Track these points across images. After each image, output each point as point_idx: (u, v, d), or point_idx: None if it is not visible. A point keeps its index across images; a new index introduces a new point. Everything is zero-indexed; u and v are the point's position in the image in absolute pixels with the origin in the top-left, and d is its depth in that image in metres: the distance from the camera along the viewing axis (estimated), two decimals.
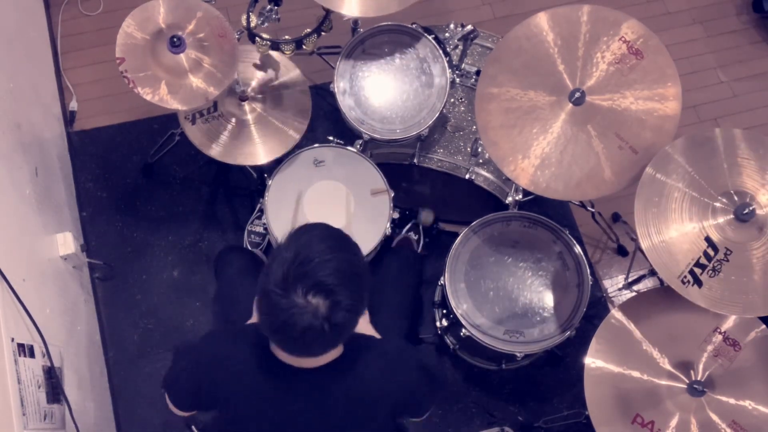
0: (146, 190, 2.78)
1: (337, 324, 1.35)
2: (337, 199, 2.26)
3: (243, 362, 1.54)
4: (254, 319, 1.76)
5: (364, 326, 1.82)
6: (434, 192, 2.56)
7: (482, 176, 2.36)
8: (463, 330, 2.20)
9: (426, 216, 2.58)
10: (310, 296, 1.32)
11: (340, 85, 2.28)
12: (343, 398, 1.53)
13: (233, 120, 2.30)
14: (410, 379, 1.62)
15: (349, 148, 2.31)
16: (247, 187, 2.77)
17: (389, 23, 2.29)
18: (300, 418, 1.54)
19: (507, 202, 2.32)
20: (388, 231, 2.24)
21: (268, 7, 2.20)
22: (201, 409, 1.70)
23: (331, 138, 2.34)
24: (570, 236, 2.25)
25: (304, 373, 1.49)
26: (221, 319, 2.58)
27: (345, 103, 2.28)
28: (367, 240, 2.21)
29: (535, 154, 1.98)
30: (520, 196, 2.33)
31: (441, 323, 2.44)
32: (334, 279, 1.34)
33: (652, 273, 2.61)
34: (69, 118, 2.86)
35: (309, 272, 1.33)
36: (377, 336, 1.75)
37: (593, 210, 2.66)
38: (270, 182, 2.26)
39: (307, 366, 1.49)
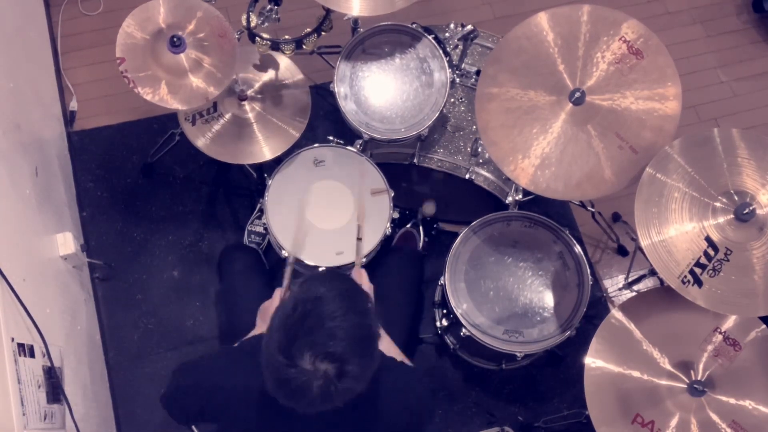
0: (146, 190, 2.78)
1: (344, 388, 1.34)
2: (338, 199, 2.26)
3: (244, 389, 1.54)
4: (258, 330, 1.75)
5: (386, 346, 1.79)
6: (434, 192, 2.56)
7: (482, 176, 2.35)
8: (463, 330, 2.20)
9: (428, 207, 2.55)
10: (318, 362, 1.30)
11: (340, 86, 2.27)
12: (350, 425, 1.53)
13: (233, 120, 2.30)
14: (415, 407, 1.63)
15: (349, 147, 2.31)
16: (247, 187, 2.76)
17: (389, 23, 2.29)
18: None
19: (507, 202, 2.32)
20: (389, 231, 2.23)
21: (268, 7, 2.20)
22: (203, 422, 1.69)
23: (331, 138, 2.34)
24: (570, 236, 2.25)
25: None
26: (224, 317, 2.59)
27: (345, 102, 2.28)
28: (367, 240, 2.21)
29: (535, 154, 1.98)
30: (520, 196, 2.33)
31: (441, 323, 2.44)
32: (344, 347, 1.32)
33: (652, 273, 2.60)
34: (69, 118, 2.86)
35: (319, 342, 1.31)
36: (400, 358, 1.74)
37: (593, 210, 2.66)
38: (270, 182, 2.25)
39: None
